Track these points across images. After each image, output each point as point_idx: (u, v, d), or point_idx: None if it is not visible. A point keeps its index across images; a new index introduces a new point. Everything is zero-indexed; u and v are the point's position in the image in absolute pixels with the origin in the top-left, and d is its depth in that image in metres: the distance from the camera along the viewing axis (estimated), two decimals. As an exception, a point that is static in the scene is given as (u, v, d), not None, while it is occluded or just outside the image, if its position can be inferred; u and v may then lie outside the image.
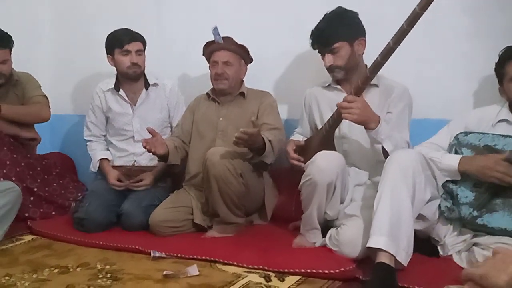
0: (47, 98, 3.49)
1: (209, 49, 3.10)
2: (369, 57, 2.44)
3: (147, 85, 3.36)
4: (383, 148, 2.44)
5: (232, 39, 3.06)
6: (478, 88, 2.88)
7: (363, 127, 2.44)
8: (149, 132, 2.87)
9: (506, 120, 2.40)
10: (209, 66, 3.11)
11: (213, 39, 3.03)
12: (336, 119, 2.53)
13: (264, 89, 3.23)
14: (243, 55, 3.10)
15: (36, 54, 4.13)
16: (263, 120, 2.98)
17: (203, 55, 3.15)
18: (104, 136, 3.48)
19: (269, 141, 2.78)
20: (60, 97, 4.02)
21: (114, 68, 3.33)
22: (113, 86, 3.37)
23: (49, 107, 3.48)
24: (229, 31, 3.07)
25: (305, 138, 2.87)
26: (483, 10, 2.87)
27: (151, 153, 2.90)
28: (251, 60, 3.15)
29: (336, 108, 2.46)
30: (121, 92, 3.35)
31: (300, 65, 3.29)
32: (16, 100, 3.43)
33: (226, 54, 3.04)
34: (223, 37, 3.02)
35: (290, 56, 3.33)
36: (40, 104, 3.42)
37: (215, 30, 2.99)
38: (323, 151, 2.48)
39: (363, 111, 2.35)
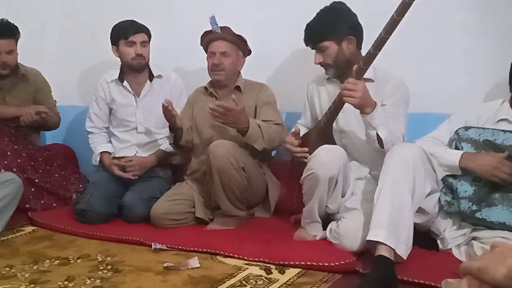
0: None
1: (207, 39, 3.04)
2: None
3: (151, 76, 3.34)
4: (378, 136, 2.39)
5: (229, 29, 3.01)
6: (481, 83, 2.88)
7: (360, 121, 2.44)
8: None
9: (506, 120, 2.38)
10: (207, 57, 3.06)
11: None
12: (335, 108, 2.52)
13: (268, 82, 3.21)
14: (241, 46, 3.04)
15: (42, 44, 4.13)
16: (262, 117, 2.92)
17: (201, 44, 3.09)
18: (107, 128, 3.46)
19: (258, 125, 2.76)
20: (65, 87, 4.01)
21: (119, 59, 3.32)
22: (117, 77, 3.35)
23: None
24: (235, 25, 3.03)
25: (306, 130, 2.86)
26: (487, 6, 2.86)
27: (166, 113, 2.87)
28: (249, 52, 3.09)
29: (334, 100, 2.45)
30: (125, 83, 3.34)
31: (305, 59, 3.26)
32: (27, 95, 3.45)
33: (224, 44, 2.99)
34: (220, 27, 2.97)
35: (295, 49, 3.32)
36: (59, 115, 3.59)
37: (213, 19, 2.93)
38: (325, 145, 2.49)
39: (363, 94, 2.34)
